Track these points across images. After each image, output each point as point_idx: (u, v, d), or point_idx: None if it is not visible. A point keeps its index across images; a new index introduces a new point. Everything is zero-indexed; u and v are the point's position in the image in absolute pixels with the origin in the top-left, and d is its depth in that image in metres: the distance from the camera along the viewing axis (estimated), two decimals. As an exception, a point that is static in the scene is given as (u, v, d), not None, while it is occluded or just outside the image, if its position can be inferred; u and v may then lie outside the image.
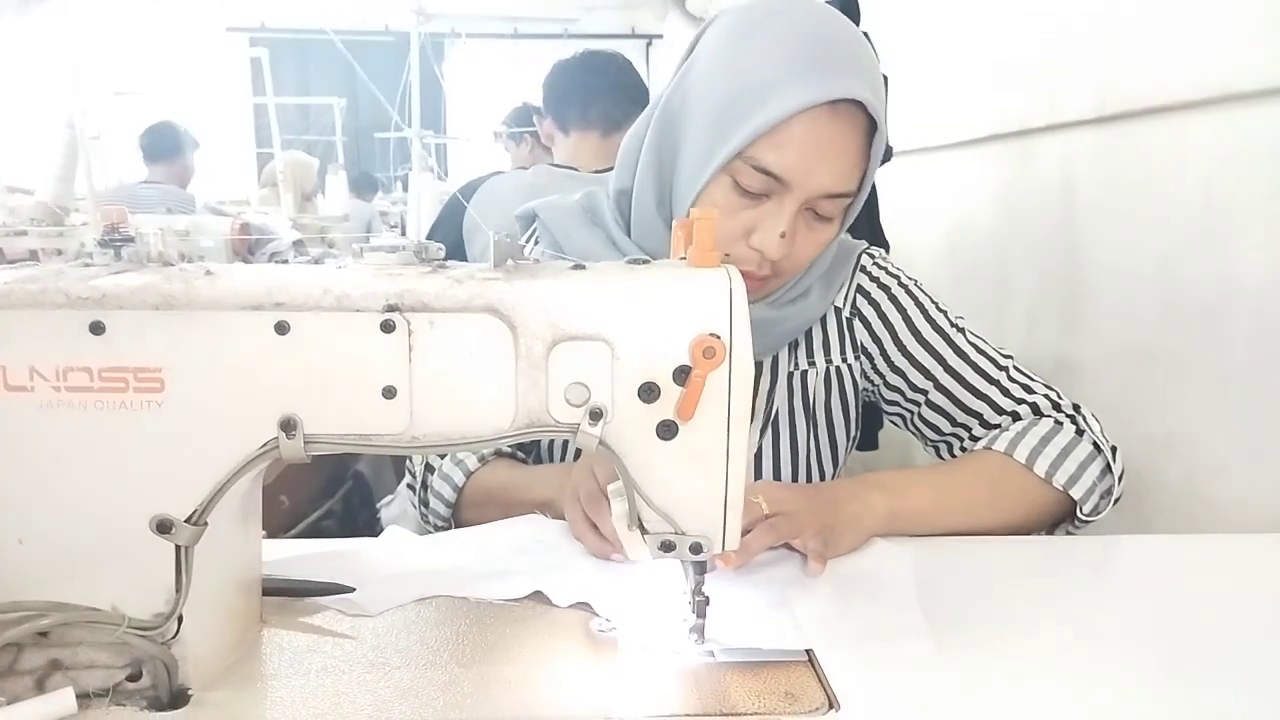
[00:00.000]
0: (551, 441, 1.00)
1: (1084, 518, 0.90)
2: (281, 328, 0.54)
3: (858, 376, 1.03)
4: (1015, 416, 0.96)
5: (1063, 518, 0.92)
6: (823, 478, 1.02)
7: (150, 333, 0.53)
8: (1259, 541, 0.94)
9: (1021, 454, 0.90)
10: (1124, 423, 1.32)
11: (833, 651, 0.63)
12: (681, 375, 0.55)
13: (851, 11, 2.17)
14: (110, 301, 0.53)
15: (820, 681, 0.60)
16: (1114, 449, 0.93)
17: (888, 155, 2.09)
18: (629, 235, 0.95)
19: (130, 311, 0.53)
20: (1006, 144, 1.78)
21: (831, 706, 0.57)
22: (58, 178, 2.47)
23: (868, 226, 2.36)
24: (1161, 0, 1.21)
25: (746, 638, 0.65)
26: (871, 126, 0.84)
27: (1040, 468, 0.89)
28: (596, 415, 0.56)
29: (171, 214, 2.89)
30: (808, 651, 0.63)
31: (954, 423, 0.99)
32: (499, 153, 3.28)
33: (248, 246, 2.68)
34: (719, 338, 0.55)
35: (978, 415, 0.98)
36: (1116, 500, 0.92)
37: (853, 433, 1.05)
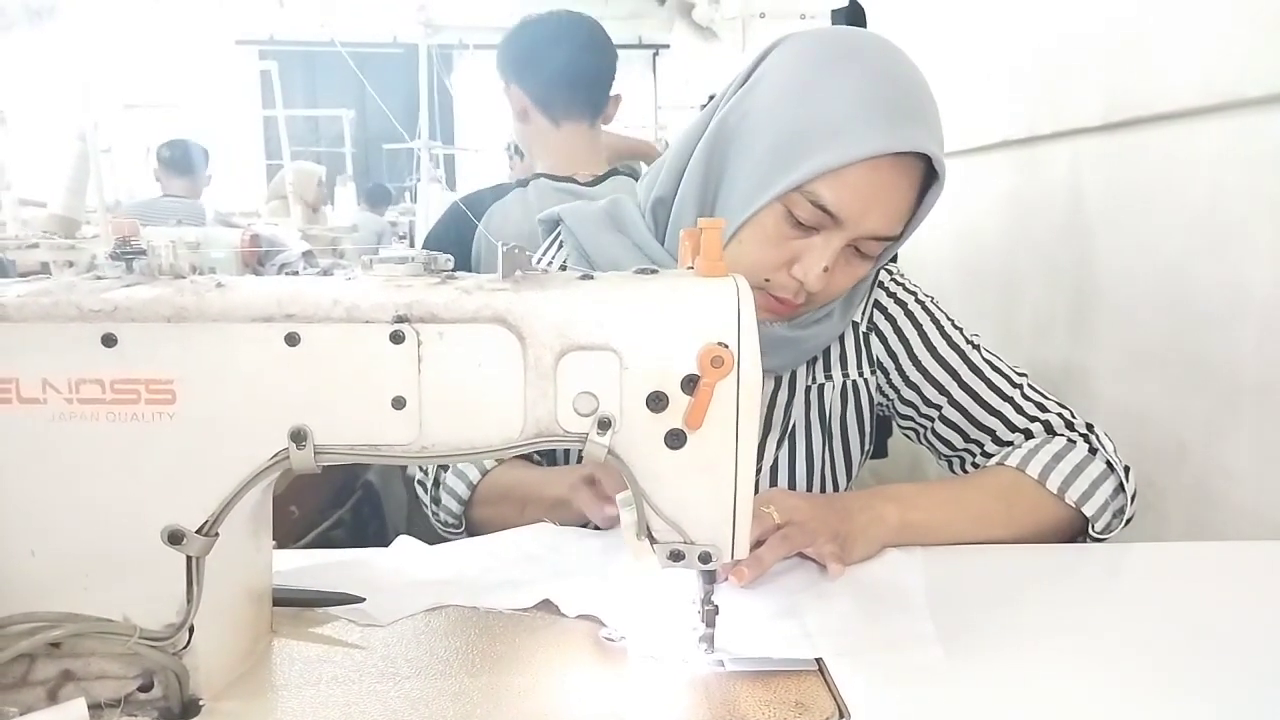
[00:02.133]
0: (567, 451, 1.00)
1: (1096, 535, 0.90)
2: (292, 339, 0.54)
3: (873, 391, 1.04)
4: (1028, 434, 0.97)
5: (1074, 536, 0.92)
6: (836, 489, 1.03)
7: (162, 345, 0.54)
8: (1271, 548, 0.93)
9: (1034, 470, 0.90)
10: (1134, 430, 1.31)
11: (843, 661, 0.63)
12: (690, 384, 0.56)
13: (858, 18, 2.17)
14: (122, 314, 0.53)
15: (830, 691, 0.60)
16: (1127, 469, 0.93)
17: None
18: (663, 243, 0.96)
19: (142, 324, 0.53)
20: (1014, 150, 1.77)
21: (842, 716, 0.57)
22: (69, 190, 2.48)
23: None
24: (1169, 6, 1.20)
25: (756, 647, 0.64)
26: (929, 175, 0.86)
27: (1053, 484, 0.89)
28: (605, 425, 0.56)
29: (182, 225, 2.90)
30: (818, 661, 0.63)
31: (967, 439, 1.00)
32: (505, 164, 3.29)
33: (258, 258, 2.70)
34: (727, 347, 0.55)
35: (990, 432, 0.98)
36: (1128, 520, 0.92)
37: (866, 445, 1.06)
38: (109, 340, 0.53)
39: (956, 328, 1.02)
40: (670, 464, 0.57)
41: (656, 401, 0.56)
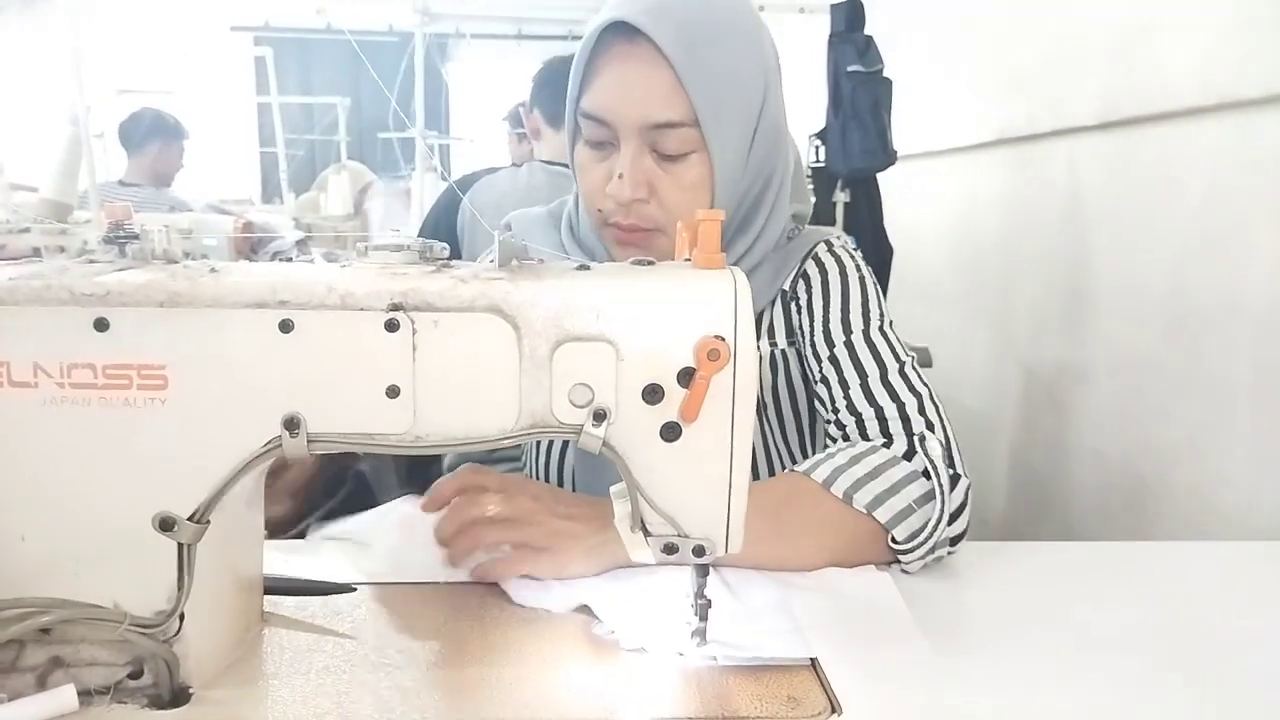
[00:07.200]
0: (565, 442, 0.99)
1: (899, 546, 0.77)
2: (286, 326, 0.54)
3: (795, 363, 0.97)
4: (860, 423, 0.86)
5: (885, 553, 0.79)
6: (782, 465, 0.97)
7: (154, 330, 0.53)
8: (1265, 548, 0.93)
9: (822, 474, 0.79)
10: (1130, 430, 1.31)
11: (835, 655, 0.63)
12: (685, 377, 0.55)
13: (857, 14, 2.17)
14: (114, 298, 0.53)
15: (822, 685, 0.60)
16: (955, 477, 0.79)
17: (891, 160, 2.09)
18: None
19: (134, 308, 0.53)
20: (1012, 149, 1.77)
21: (834, 711, 0.57)
22: (60, 174, 2.47)
23: (872, 230, 2.37)
24: (1168, 6, 1.20)
25: (749, 641, 0.64)
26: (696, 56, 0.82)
27: (840, 488, 0.77)
28: (600, 416, 0.56)
29: (175, 212, 2.89)
30: (812, 661, 0.63)
31: (826, 420, 0.92)
32: (504, 150, 3.26)
33: (250, 245, 2.69)
34: (723, 339, 0.55)
35: (836, 412, 0.89)
36: (956, 539, 0.80)
37: (806, 424, 0.99)
38: (101, 325, 0.53)
39: (864, 307, 0.93)
40: (665, 457, 0.57)
41: (652, 394, 0.56)
